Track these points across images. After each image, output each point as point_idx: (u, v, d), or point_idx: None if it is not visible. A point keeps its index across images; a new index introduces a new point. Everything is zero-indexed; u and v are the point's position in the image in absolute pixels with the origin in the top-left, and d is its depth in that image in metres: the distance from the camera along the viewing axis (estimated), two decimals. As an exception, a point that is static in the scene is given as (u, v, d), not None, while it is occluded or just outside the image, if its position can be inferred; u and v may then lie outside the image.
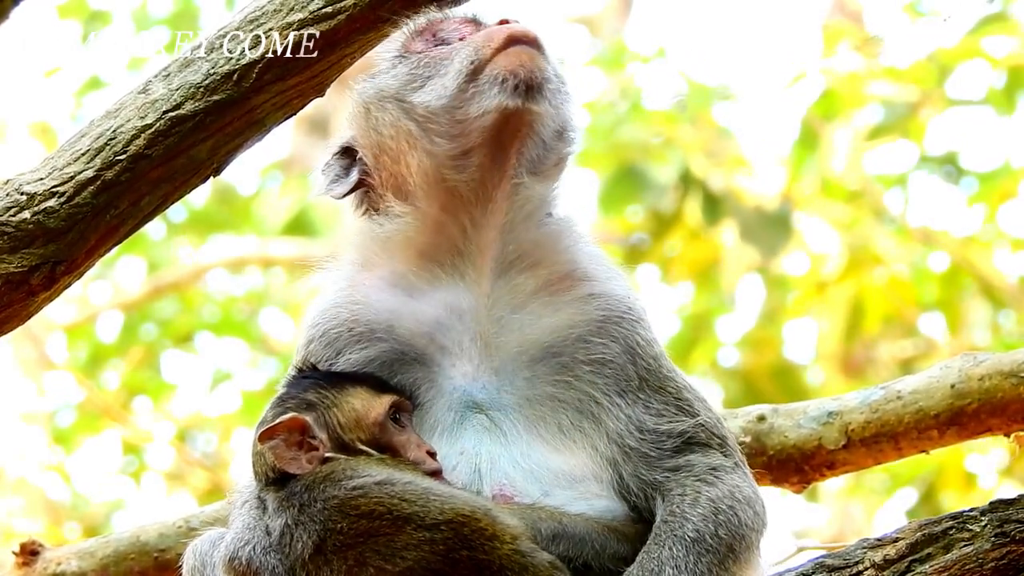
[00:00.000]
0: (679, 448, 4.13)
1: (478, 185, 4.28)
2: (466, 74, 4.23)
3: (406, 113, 4.29)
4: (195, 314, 14.33)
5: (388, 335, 4.23)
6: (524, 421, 4.15)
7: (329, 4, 4.05)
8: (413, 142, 4.28)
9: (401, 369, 4.22)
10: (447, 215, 4.29)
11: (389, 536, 3.86)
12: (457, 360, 4.21)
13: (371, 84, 4.40)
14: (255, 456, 4.11)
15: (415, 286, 4.28)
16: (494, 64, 4.23)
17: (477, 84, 4.22)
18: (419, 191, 4.30)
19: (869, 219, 11.30)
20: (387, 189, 4.36)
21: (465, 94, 4.23)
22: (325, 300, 4.36)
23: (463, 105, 4.24)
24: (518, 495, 4.04)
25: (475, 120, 4.23)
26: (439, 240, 4.30)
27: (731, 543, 4.01)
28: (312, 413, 4.07)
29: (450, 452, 4.11)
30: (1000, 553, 3.94)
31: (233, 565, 4.01)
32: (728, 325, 12.11)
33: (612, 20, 15.66)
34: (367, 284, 4.31)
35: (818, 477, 5.34)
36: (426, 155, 4.27)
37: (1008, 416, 5.09)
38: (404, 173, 4.31)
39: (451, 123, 4.25)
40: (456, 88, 4.24)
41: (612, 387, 4.17)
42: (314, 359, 4.26)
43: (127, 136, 4.04)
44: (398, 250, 4.31)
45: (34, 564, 5.67)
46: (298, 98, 4.13)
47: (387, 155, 4.33)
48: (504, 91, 4.21)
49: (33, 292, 4.03)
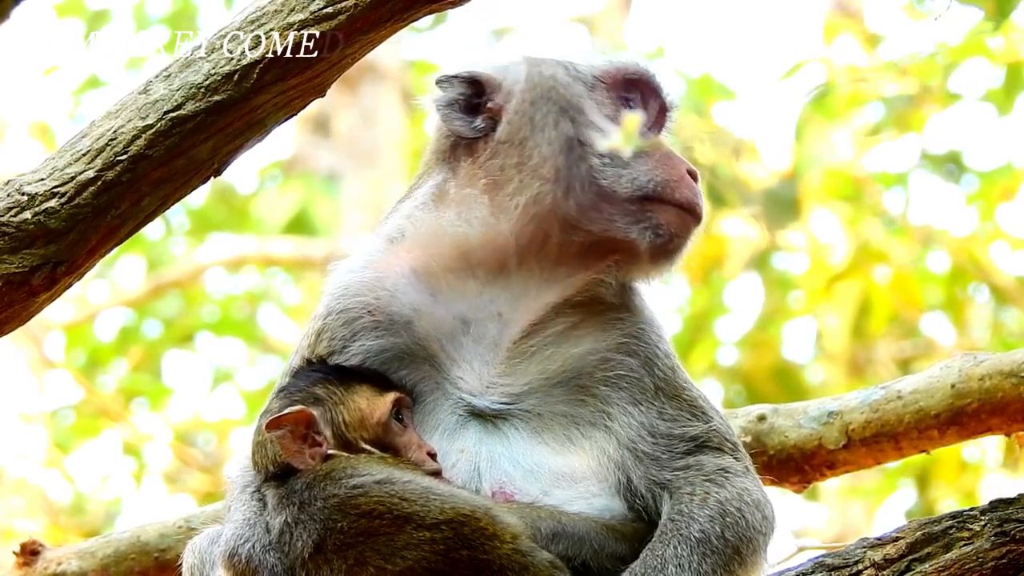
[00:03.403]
0: (690, 451, 4.13)
1: (565, 251, 4.22)
2: (642, 194, 4.20)
3: (570, 149, 4.22)
4: (195, 313, 14.33)
5: (405, 330, 4.20)
6: (529, 429, 4.15)
7: (330, 4, 4.05)
8: (554, 175, 4.21)
9: (411, 365, 4.19)
10: (518, 249, 4.23)
11: (389, 535, 3.86)
12: (465, 375, 4.19)
13: (562, 76, 4.30)
14: (257, 446, 4.10)
15: (442, 289, 4.23)
16: (667, 211, 4.20)
17: (642, 210, 4.20)
18: (514, 210, 4.22)
19: (870, 217, 11.30)
20: (483, 173, 4.27)
21: (626, 202, 4.19)
22: (352, 273, 4.28)
23: (617, 208, 4.20)
24: (517, 493, 4.05)
25: (611, 226, 4.20)
26: (492, 259, 4.24)
27: (737, 545, 4.00)
28: (319, 408, 4.06)
29: (450, 450, 4.11)
30: (1000, 552, 3.95)
31: (233, 562, 4.01)
32: (728, 325, 12.12)
33: (612, 20, 15.65)
34: (397, 271, 4.24)
35: (818, 477, 5.34)
36: (550, 196, 4.20)
37: (1008, 416, 5.09)
38: (516, 183, 4.23)
39: (595, 204, 4.20)
40: (627, 192, 4.19)
41: (627, 399, 4.16)
42: (328, 335, 4.21)
43: (128, 136, 4.04)
44: (445, 244, 4.24)
45: (34, 564, 5.67)
46: (299, 98, 4.12)
47: (518, 151, 4.26)
48: (654, 238, 4.19)
49: (34, 292, 4.03)
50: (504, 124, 4.26)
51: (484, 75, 4.31)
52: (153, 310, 14.30)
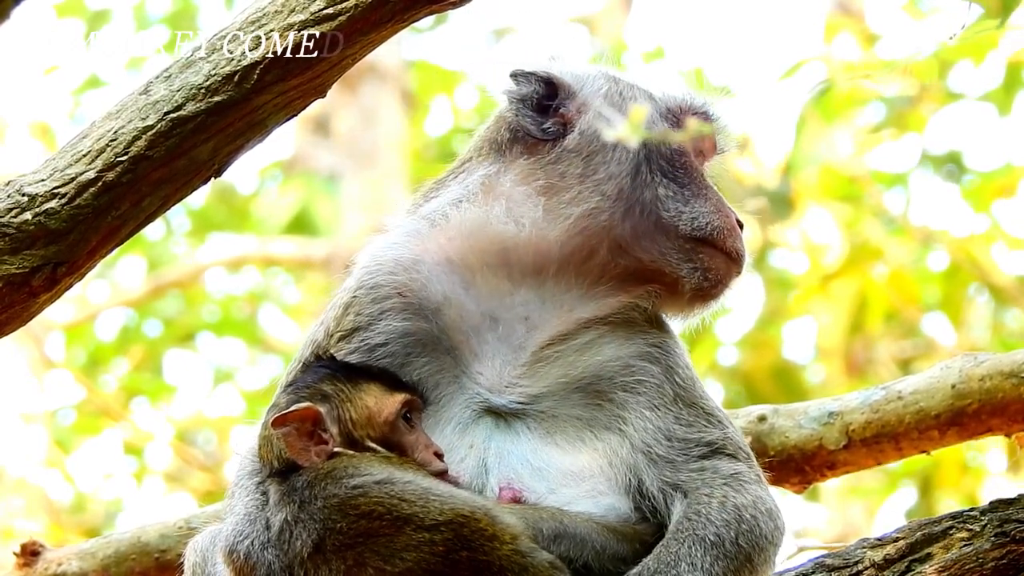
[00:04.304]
0: (705, 455, 4.14)
1: (608, 271, 4.24)
2: (700, 235, 4.25)
3: (637, 173, 4.25)
4: (195, 313, 14.34)
5: (433, 317, 4.19)
6: (541, 429, 4.16)
7: (330, 5, 4.04)
8: (616, 194, 4.23)
9: (432, 353, 4.19)
10: (560, 258, 4.23)
11: (389, 537, 3.86)
12: (485, 371, 4.19)
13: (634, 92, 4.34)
14: (263, 440, 4.09)
15: (476, 283, 4.22)
16: (717, 257, 4.25)
17: (695, 251, 4.25)
18: (566, 220, 4.23)
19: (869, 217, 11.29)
20: (543, 175, 4.28)
21: (682, 239, 4.24)
22: (389, 250, 4.28)
23: (673, 243, 4.24)
24: (525, 491, 4.05)
25: (662, 258, 4.24)
26: (531, 262, 4.24)
27: (750, 553, 4.01)
28: (326, 405, 4.06)
29: (459, 444, 4.11)
30: (1000, 553, 3.95)
31: (232, 558, 4.01)
32: (728, 325, 12.11)
33: (612, 20, 15.65)
34: (434, 256, 4.24)
35: (819, 477, 5.35)
36: (607, 214, 4.24)
37: (1009, 416, 5.09)
38: (575, 193, 4.24)
39: (651, 233, 4.23)
40: (686, 230, 4.24)
41: (644, 404, 4.18)
42: (356, 309, 4.20)
43: (128, 137, 4.04)
44: (488, 238, 4.24)
45: (35, 564, 5.67)
46: (299, 99, 4.12)
47: (585, 163, 4.28)
48: (701, 280, 4.24)
49: (34, 293, 4.03)
50: (576, 134, 4.28)
51: (562, 80, 4.33)
52: (154, 310, 14.31)
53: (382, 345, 4.19)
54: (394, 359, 4.17)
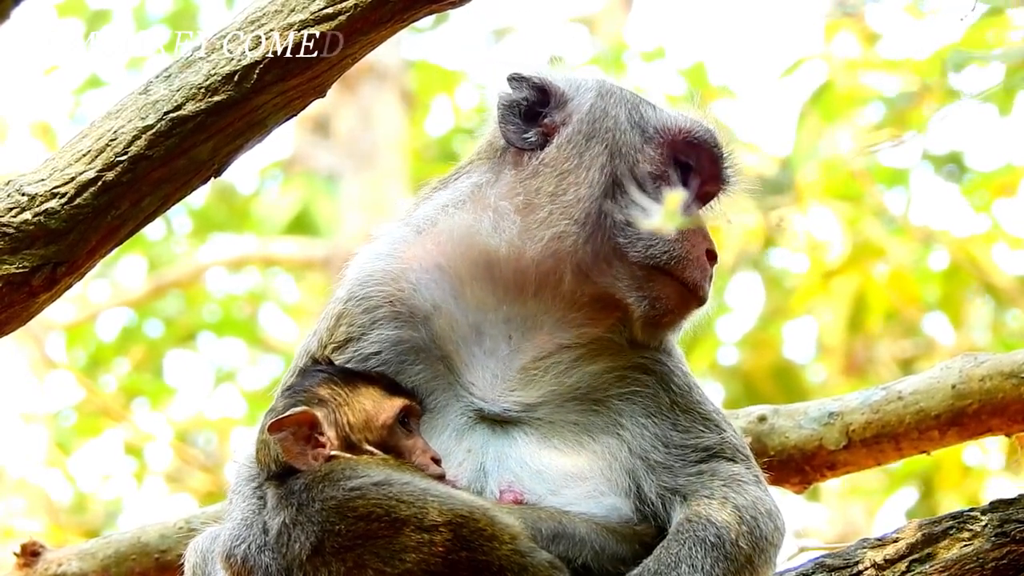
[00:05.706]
0: (703, 459, 4.14)
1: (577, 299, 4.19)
2: (652, 264, 4.15)
3: (605, 197, 4.17)
4: (196, 313, 14.34)
5: (424, 325, 4.19)
6: (538, 434, 4.15)
7: (330, 5, 4.04)
8: (583, 219, 4.15)
9: (426, 360, 4.18)
10: (537, 278, 4.19)
11: (387, 538, 3.85)
12: (477, 381, 4.18)
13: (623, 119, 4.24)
14: (260, 444, 4.09)
15: (464, 293, 4.21)
16: (669, 286, 4.15)
17: (647, 279, 4.16)
18: (539, 241, 4.17)
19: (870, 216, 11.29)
20: (522, 191, 4.22)
21: (635, 266, 4.16)
22: (376, 261, 4.26)
23: (625, 270, 4.16)
24: (526, 493, 4.04)
25: (614, 284, 4.17)
26: (512, 279, 4.20)
27: (750, 554, 4.01)
28: (323, 409, 4.06)
29: (457, 449, 4.11)
30: (1000, 553, 3.95)
31: (229, 562, 4.01)
32: (728, 325, 12.12)
33: (612, 20, 15.65)
34: (422, 263, 4.22)
35: (819, 478, 5.34)
36: (572, 239, 4.16)
37: (1009, 416, 5.09)
38: (546, 214, 4.18)
39: (608, 259, 4.17)
40: (637, 257, 4.14)
41: (640, 412, 4.17)
42: (348, 320, 4.20)
43: (128, 137, 4.03)
44: (476, 249, 4.21)
45: (35, 565, 5.66)
46: (299, 99, 4.12)
47: (557, 180, 4.19)
48: (649, 309, 4.16)
49: (34, 293, 4.03)
50: (554, 147, 4.23)
51: (555, 87, 4.28)
52: (154, 310, 14.31)
53: (376, 354, 4.19)
54: (388, 367, 4.17)
